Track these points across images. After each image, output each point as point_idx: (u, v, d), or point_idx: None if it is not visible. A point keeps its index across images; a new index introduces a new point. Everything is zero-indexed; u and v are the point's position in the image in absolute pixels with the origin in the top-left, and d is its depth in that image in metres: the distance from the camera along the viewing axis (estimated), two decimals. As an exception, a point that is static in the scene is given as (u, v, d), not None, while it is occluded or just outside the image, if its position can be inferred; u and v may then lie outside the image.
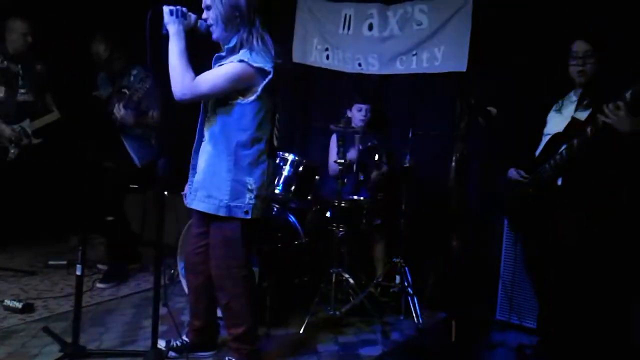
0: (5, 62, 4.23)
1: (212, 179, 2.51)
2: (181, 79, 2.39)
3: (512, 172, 3.09)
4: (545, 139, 2.97)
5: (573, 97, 2.95)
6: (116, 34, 4.02)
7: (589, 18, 3.33)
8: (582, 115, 2.80)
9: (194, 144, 2.66)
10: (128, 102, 3.81)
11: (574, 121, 2.81)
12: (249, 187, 2.49)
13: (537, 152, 3.01)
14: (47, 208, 4.84)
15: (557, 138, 2.87)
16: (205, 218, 2.59)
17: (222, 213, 2.48)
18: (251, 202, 2.50)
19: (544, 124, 3.04)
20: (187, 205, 2.64)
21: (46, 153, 4.49)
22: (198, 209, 2.56)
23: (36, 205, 4.75)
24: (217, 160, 2.51)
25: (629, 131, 2.53)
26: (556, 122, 2.94)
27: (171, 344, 2.77)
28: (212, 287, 2.64)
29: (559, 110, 2.99)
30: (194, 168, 2.65)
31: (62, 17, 4.88)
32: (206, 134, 2.59)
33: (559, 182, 2.82)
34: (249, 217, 2.50)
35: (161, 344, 2.71)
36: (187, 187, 2.70)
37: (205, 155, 2.57)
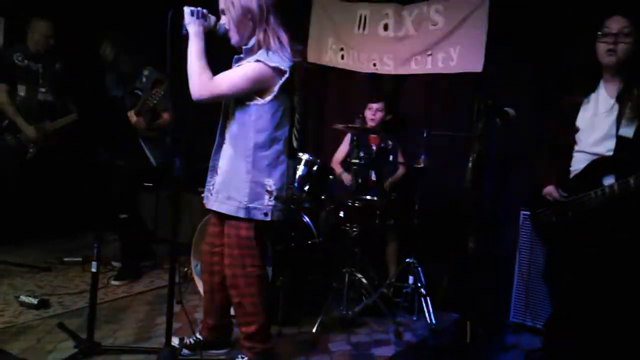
0: (25, 61, 4.28)
1: (232, 181, 2.51)
2: (199, 79, 2.40)
3: (552, 190, 2.76)
4: (582, 156, 2.67)
5: (603, 92, 2.62)
6: (123, 36, 4.03)
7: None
8: (629, 132, 2.49)
9: (214, 146, 2.66)
10: (141, 108, 3.82)
11: (621, 141, 2.49)
12: (268, 188, 2.49)
13: (573, 167, 2.72)
14: (62, 206, 4.88)
15: (603, 162, 2.57)
16: (224, 218, 2.59)
17: (241, 214, 2.48)
18: (270, 203, 2.50)
19: (572, 126, 2.71)
20: (207, 207, 2.63)
21: (62, 152, 4.54)
22: (219, 210, 2.56)
23: (51, 203, 4.79)
24: (236, 161, 2.51)
25: None
26: (591, 133, 2.63)
27: (185, 341, 2.78)
28: (226, 286, 2.64)
29: (589, 112, 2.66)
30: (213, 169, 2.65)
31: (77, 17, 4.94)
32: (227, 135, 2.59)
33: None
34: (268, 218, 2.50)
35: (175, 341, 2.72)
36: (206, 189, 2.68)
37: (225, 157, 2.57)
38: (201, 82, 2.40)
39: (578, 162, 2.70)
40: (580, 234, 2.65)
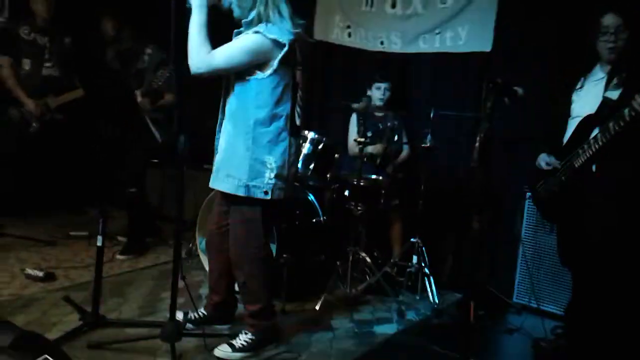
0: (32, 35, 4.25)
1: (232, 158, 2.49)
2: (197, 52, 2.37)
3: (543, 158, 2.90)
4: (574, 122, 2.80)
5: (599, 74, 2.76)
6: (125, 13, 4.00)
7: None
8: (614, 94, 2.63)
9: (217, 124, 2.64)
10: (147, 89, 3.81)
11: (606, 101, 2.64)
12: (269, 165, 2.45)
13: (566, 136, 2.84)
14: (68, 181, 4.89)
15: (588, 120, 2.70)
16: (228, 197, 2.58)
17: (240, 193, 2.46)
18: (271, 181, 2.47)
19: (569, 104, 2.87)
20: (209, 185, 2.62)
21: (68, 127, 4.53)
22: (219, 188, 2.56)
23: (57, 177, 4.80)
24: (236, 138, 2.48)
25: None
26: (584, 103, 2.77)
27: (189, 316, 2.80)
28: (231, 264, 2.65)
29: (584, 89, 2.81)
30: (217, 147, 2.63)
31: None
32: (227, 112, 2.57)
33: (594, 168, 2.65)
34: (268, 197, 2.47)
35: (179, 316, 2.74)
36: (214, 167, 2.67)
37: (225, 134, 2.55)
38: (199, 55, 2.37)
39: (570, 130, 2.81)
40: (578, 199, 2.71)
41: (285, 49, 2.39)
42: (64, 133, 4.54)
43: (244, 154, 2.46)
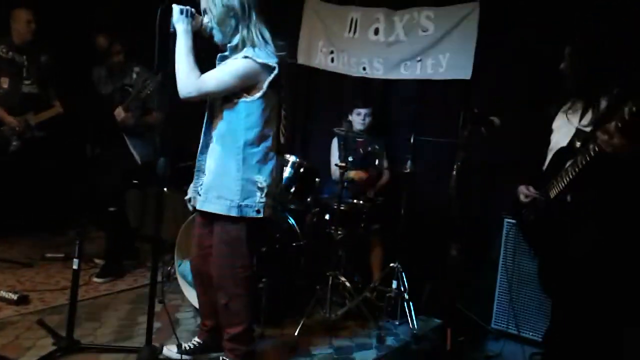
0: (10, 53, 4.24)
1: (222, 179, 2.49)
2: (186, 77, 2.40)
3: (522, 189, 2.95)
4: (551, 153, 2.85)
5: (579, 104, 2.79)
6: (117, 28, 4.03)
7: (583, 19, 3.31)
8: (586, 122, 2.67)
9: (200, 146, 2.64)
10: (132, 102, 3.81)
11: (578, 133, 2.71)
12: (259, 185, 2.48)
13: (545, 166, 2.88)
14: (46, 201, 4.83)
15: (562, 152, 2.76)
16: (209, 218, 2.58)
17: (233, 213, 2.46)
18: (262, 200, 2.49)
19: (549, 133, 2.91)
20: (196, 208, 2.60)
21: (47, 146, 4.49)
22: (209, 210, 2.53)
23: (35, 197, 4.74)
24: (226, 160, 2.50)
25: (630, 156, 2.39)
26: (561, 133, 2.82)
27: (183, 347, 2.75)
28: None
29: (562, 119, 2.85)
30: (200, 170, 2.62)
31: (66, 11, 4.91)
32: (214, 134, 2.57)
33: (569, 199, 2.69)
34: (261, 215, 2.49)
35: (172, 349, 2.71)
36: (190, 190, 2.66)
37: (214, 156, 2.55)
38: (189, 80, 2.40)
39: (547, 160, 2.86)
40: (556, 227, 2.74)
41: (275, 72, 2.43)
42: (44, 151, 4.49)
43: (235, 175, 2.47)
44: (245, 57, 2.40)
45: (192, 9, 2.44)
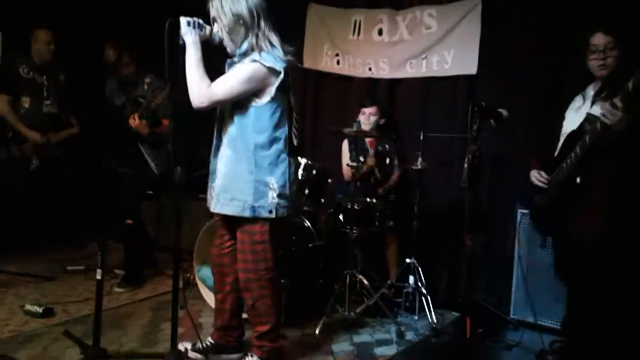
0: (31, 73, 4.32)
1: (234, 182, 2.54)
2: (198, 88, 2.46)
3: (534, 174, 3.02)
4: (562, 138, 2.93)
5: (591, 92, 2.88)
6: (125, 39, 4.09)
7: (606, 9, 3.33)
8: (598, 110, 2.71)
9: (212, 150, 2.69)
10: (144, 111, 3.87)
11: (588, 117, 2.76)
12: (271, 186, 2.52)
13: (557, 152, 2.96)
14: (65, 216, 4.91)
15: (572, 136, 2.82)
16: (233, 221, 2.63)
17: (247, 214, 2.52)
18: (274, 200, 2.53)
19: (562, 120, 2.99)
20: (211, 210, 2.67)
21: (65, 162, 4.57)
22: (223, 212, 2.60)
23: (54, 213, 4.83)
24: (238, 163, 2.55)
25: (624, 130, 2.51)
26: (573, 119, 2.89)
27: (196, 346, 2.81)
28: (238, 287, 2.69)
29: (577, 106, 2.93)
30: (214, 173, 2.67)
31: (77, 27, 5.01)
32: (224, 138, 2.62)
33: (578, 181, 2.77)
34: (273, 216, 2.53)
35: (187, 346, 2.78)
36: (209, 194, 2.71)
37: (224, 159, 2.60)
38: (200, 90, 2.46)
39: (559, 146, 2.94)
40: (566, 210, 2.82)
41: (282, 76, 2.47)
42: (62, 169, 4.58)
43: (247, 177, 2.52)
44: (253, 60, 2.45)
45: (200, 20, 2.49)
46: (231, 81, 2.49)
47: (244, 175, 2.53)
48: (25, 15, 4.68)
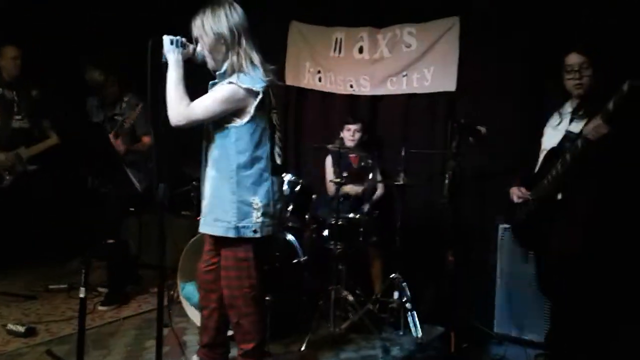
0: (0, 89, 4.31)
1: (218, 203, 2.56)
2: (177, 106, 2.48)
3: (514, 190, 3.09)
4: (542, 155, 2.99)
5: (568, 109, 2.96)
6: (109, 59, 4.10)
7: (581, 29, 3.44)
8: (577, 127, 2.81)
9: (200, 172, 2.71)
10: (119, 129, 3.88)
11: (567, 135, 2.84)
12: (255, 206, 2.53)
13: (537, 168, 3.02)
14: (44, 233, 4.86)
15: (552, 152, 2.89)
16: (218, 240, 2.64)
17: (231, 234, 2.53)
18: (259, 220, 2.54)
19: (540, 137, 3.06)
20: (199, 231, 2.69)
21: (42, 179, 4.53)
22: (208, 232, 2.63)
23: (33, 231, 4.77)
24: (220, 183, 2.56)
25: (606, 146, 2.59)
26: (551, 136, 2.96)
27: None
28: (223, 304, 2.69)
29: (555, 124, 3.00)
30: (203, 193, 2.69)
31: (56, 43, 4.99)
32: (209, 159, 2.64)
33: (559, 197, 2.84)
34: (258, 235, 2.54)
35: None
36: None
37: (209, 180, 2.62)
38: (178, 109, 2.48)
39: (539, 162, 3.00)
40: (546, 225, 2.88)
41: (260, 96, 2.49)
42: (38, 184, 4.53)
43: (230, 198, 2.53)
44: (230, 82, 2.47)
45: (183, 39, 2.52)
46: (208, 101, 2.50)
47: (226, 196, 2.54)
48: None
